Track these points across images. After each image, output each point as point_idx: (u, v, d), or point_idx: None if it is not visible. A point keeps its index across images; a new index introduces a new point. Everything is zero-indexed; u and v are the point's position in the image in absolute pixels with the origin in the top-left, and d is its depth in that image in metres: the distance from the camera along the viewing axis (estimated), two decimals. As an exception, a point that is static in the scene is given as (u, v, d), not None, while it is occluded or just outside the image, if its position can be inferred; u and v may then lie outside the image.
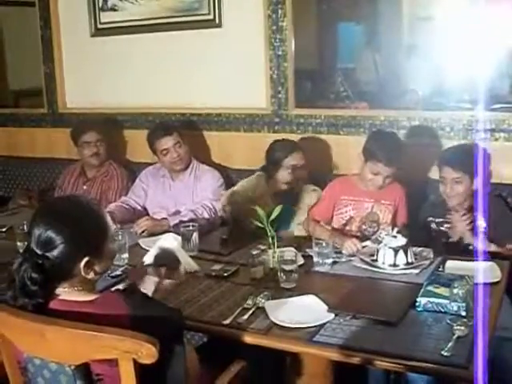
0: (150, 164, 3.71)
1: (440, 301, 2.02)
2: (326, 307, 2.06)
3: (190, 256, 2.53)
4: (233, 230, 2.99)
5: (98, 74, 4.08)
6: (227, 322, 2.01)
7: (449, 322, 1.94)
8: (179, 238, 2.66)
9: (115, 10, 3.87)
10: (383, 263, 2.43)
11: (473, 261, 2.46)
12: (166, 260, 2.38)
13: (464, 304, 1.97)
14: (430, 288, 2.12)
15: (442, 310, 2.01)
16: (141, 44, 3.87)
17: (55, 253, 1.53)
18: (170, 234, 2.67)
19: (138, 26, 3.81)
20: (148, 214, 3.42)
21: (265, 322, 2.00)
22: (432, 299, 2.04)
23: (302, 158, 3.20)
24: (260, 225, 2.40)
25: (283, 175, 3.18)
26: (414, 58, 4.60)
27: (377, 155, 2.79)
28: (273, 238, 2.41)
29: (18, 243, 2.68)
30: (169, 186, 3.47)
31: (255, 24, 3.50)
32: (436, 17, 4.25)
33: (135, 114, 4.00)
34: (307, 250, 2.59)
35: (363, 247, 2.60)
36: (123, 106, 4.01)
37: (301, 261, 2.48)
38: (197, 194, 3.39)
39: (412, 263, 2.42)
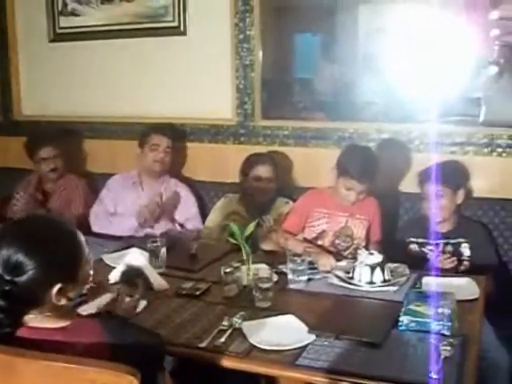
0: (112, 174, 3.58)
1: (424, 320, 1.97)
2: (305, 328, 1.97)
3: (158, 273, 2.44)
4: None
5: (56, 81, 3.92)
6: (203, 344, 1.90)
7: (433, 341, 1.88)
8: (146, 253, 2.56)
9: (76, 15, 3.73)
10: (359, 280, 2.36)
11: (448, 277, 2.43)
12: (134, 277, 2.28)
13: (450, 324, 1.92)
14: (411, 307, 2.06)
15: (425, 330, 1.95)
16: (102, 50, 3.74)
17: (25, 278, 1.38)
18: (136, 249, 2.57)
19: (99, 31, 3.69)
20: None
21: (243, 344, 1.89)
22: (415, 318, 1.98)
23: (268, 171, 3.20)
24: (234, 241, 2.31)
25: (249, 186, 3.21)
26: (373, 69, 4.58)
27: (349, 171, 2.73)
28: (247, 255, 2.32)
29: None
30: (137, 194, 3.36)
31: (221, 32, 3.43)
32: (392, 27, 4.22)
33: (95, 123, 3.86)
34: (279, 266, 2.51)
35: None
36: (83, 114, 3.87)
37: (274, 278, 2.40)
38: (168, 209, 3.29)
39: (389, 280, 2.36)
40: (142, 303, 2.17)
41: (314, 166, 3.36)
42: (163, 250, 2.57)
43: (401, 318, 2.00)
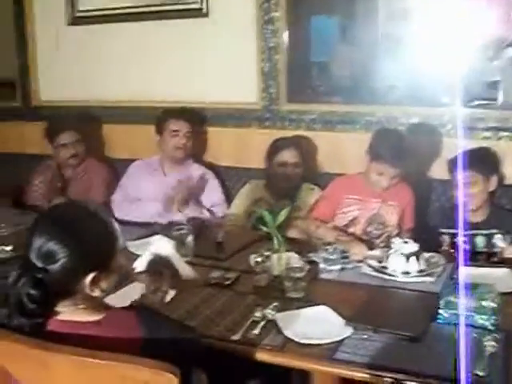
0: (132, 160, 3.51)
1: (465, 313, 1.88)
2: (341, 320, 1.90)
3: (185, 262, 2.36)
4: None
5: (75, 66, 3.83)
6: (237, 337, 1.83)
7: (476, 336, 1.80)
8: (172, 241, 2.49)
9: (95, -3, 3.64)
10: (394, 270, 2.28)
11: (486, 267, 2.35)
12: (160, 266, 2.21)
13: (494, 317, 1.84)
14: (450, 299, 1.97)
15: (466, 323, 1.87)
16: (122, 34, 3.64)
17: (57, 267, 1.33)
18: (163, 237, 2.49)
19: (119, 14, 3.59)
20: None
21: (278, 337, 1.82)
22: (456, 311, 1.90)
23: (293, 156, 3.11)
24: (266, 229, 2.23)
25: (274, 172, 3.13)
26: (396, 51, 4.44)
27: (382, 155, 2.65)
28: (280, 244, 2.24)
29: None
30: (159, 180, 3.29)
31: (246, 14, 3.33)
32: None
33: (115, 108, 3.77)
34: (309, 254, 2.43)
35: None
36: (102, 99, 3.78)
37: (299, 264, 2.31)
38: (195, 193, 3.21)
39: (424, 270, 2.28)
40: (171, 293, 2.11)
41: (340, 152, 3.27)
42: (190, 238, 2.50)
43: (440, 311, 1.92)
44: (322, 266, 2.30)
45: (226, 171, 3.48)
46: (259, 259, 2.21)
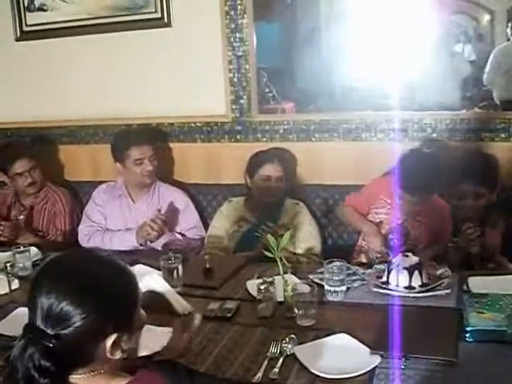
0: (93, 182, 3.28)
1: (495, 329, 1.77)
2: (364, 348, 1.76)
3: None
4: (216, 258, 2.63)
5: (26, 84, 3.55)
6: (257, 379, 1.66)
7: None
8: (156, 271, 2.31)
9: (44, 10, 3.37)
10: (397, 286, 2.15)
11: (495, 275, 2.25)
12: (155, 302, 2.02)
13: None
14: (473, 314, 1.87)
15: (499, 340, 1.76)
16: (76, 48, 3.39)
17: (73, 332, 1.11)
18: (152, 270, 2.31)
19: (72, 27, 3.34)
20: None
21: (303, 374, 1.66)
22: (485, 327, 1.79)
23: (277, 170, 2.95)
24: (269, 255, 2.06)
25: (257, 187, 2.96)
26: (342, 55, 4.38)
27: (402, 184, 2.54)
28: (285, 268, 2.08)
29: None
30: (128, 207, 3.05)
31: (211, 22, 3.14)
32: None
33: (72, 127, 3.52)
34: (310, 276, 2.28)
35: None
36: (58, 118, 3.51)
37: (306, 289, 2.15)
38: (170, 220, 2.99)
39: (427, 284, 2.15)
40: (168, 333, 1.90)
41: (318, 162, 3.14)
42: (180, 267, 2.31)
43: (468, 328, 1.80)
44: (327, 287, 2.15)
45: (198, 189, 3.29)
46: (264, 286, 2.03)
